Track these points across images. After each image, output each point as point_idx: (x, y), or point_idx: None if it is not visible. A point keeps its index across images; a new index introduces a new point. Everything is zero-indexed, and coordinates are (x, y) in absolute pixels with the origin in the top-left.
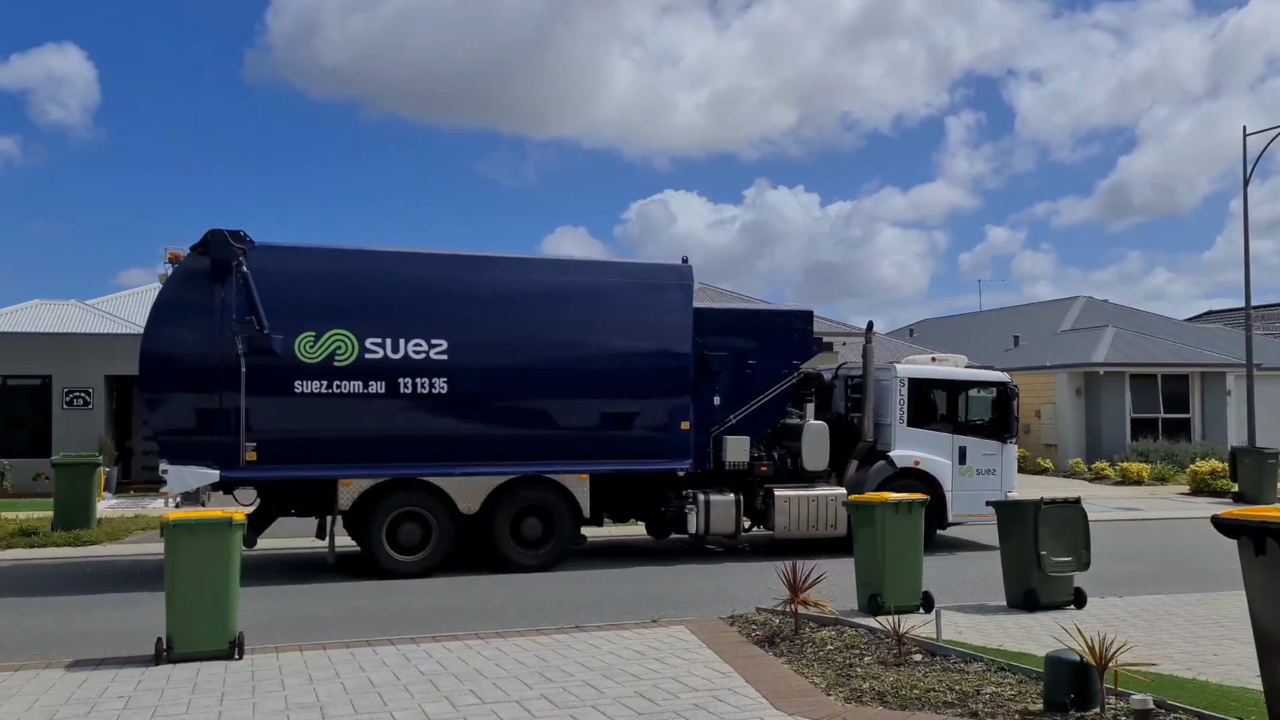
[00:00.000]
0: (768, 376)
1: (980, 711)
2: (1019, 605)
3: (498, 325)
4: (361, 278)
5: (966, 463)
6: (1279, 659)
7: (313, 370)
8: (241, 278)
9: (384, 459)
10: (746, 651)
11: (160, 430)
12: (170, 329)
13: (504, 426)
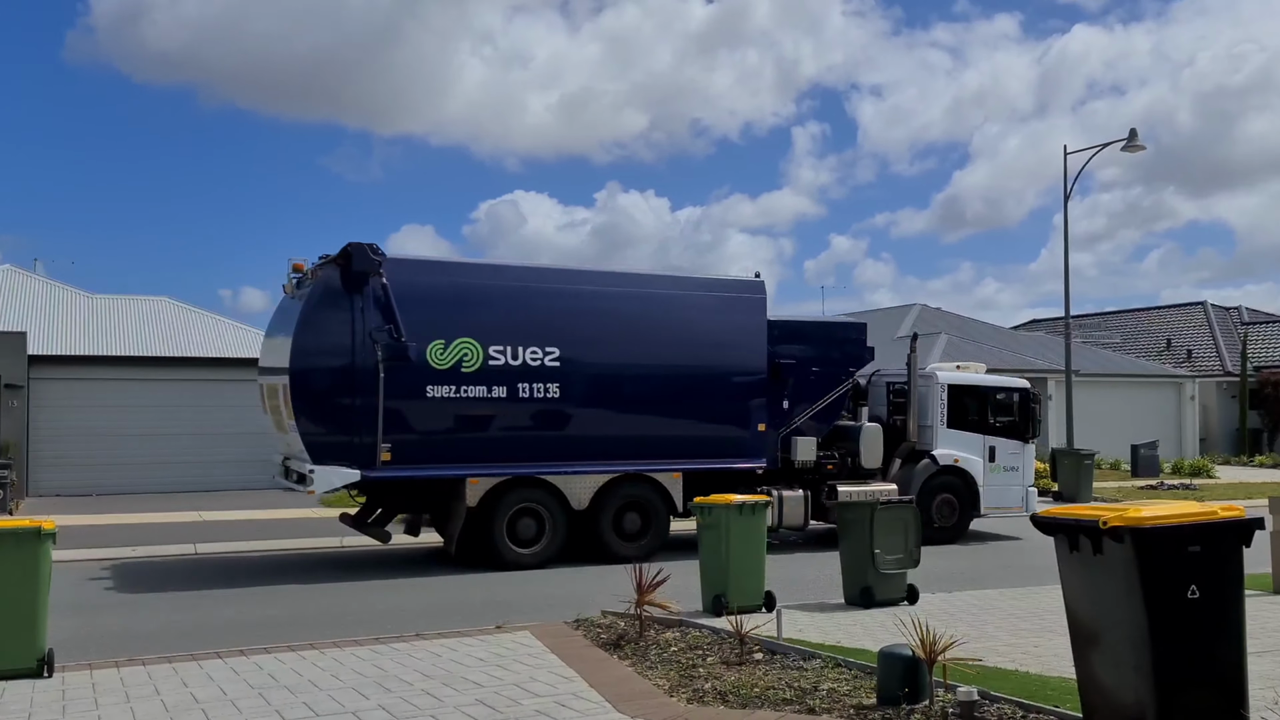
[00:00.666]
0: (828, 382)
1: (817, 707)
2: (856, 602)
3: (602, 334)
4: (483, 289)
5: (995, 461)
6: (1092, 649)
7: (442, 376)
8: (381, 289)
9: (504, 458)
10: (591, 655)
11: (308, 433)
12: (317, 338)
13: (609, 428)
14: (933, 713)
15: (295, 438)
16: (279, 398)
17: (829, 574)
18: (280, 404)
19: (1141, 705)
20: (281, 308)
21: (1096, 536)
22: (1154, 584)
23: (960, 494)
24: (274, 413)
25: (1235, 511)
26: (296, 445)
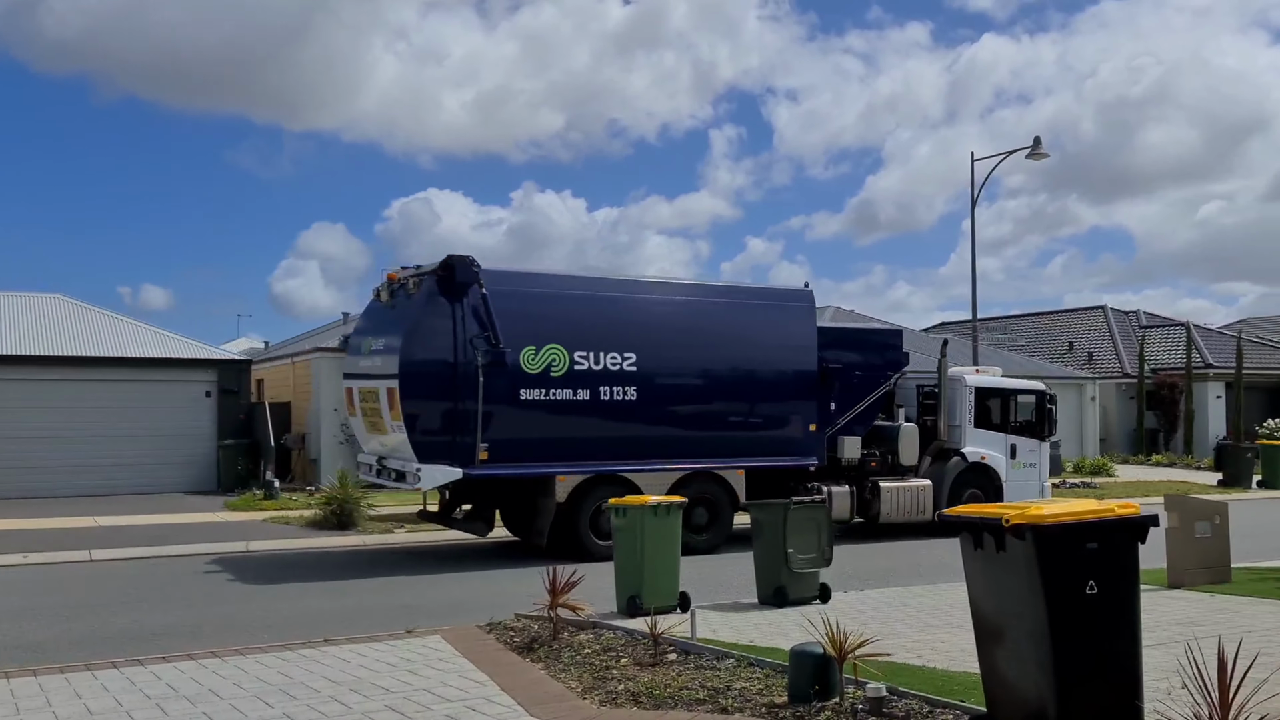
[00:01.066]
0: (869, 385)
1: (730, 706)
2: (770, 602)
3: (673, 340)
4: (568, 298)
5: (1016, 458)
6: (995, 644)
7: (533, 380)
8: (480, 299)
9: (588, 457)
10: (504, 659)
11: (415, 433)
12: (423, 345)
13: (680, 428)
14: (843, 709)
15: (401, 438)
16: (380, 400)
17: (744, 574)
18: (382, 406)
19: (1042, 698)
20: (373, 314)
21: (999, 534)
22: (1054, 580)
23: (986, 489)
24: (369, 415)
25: (1131, 509)
26: (401, 445)
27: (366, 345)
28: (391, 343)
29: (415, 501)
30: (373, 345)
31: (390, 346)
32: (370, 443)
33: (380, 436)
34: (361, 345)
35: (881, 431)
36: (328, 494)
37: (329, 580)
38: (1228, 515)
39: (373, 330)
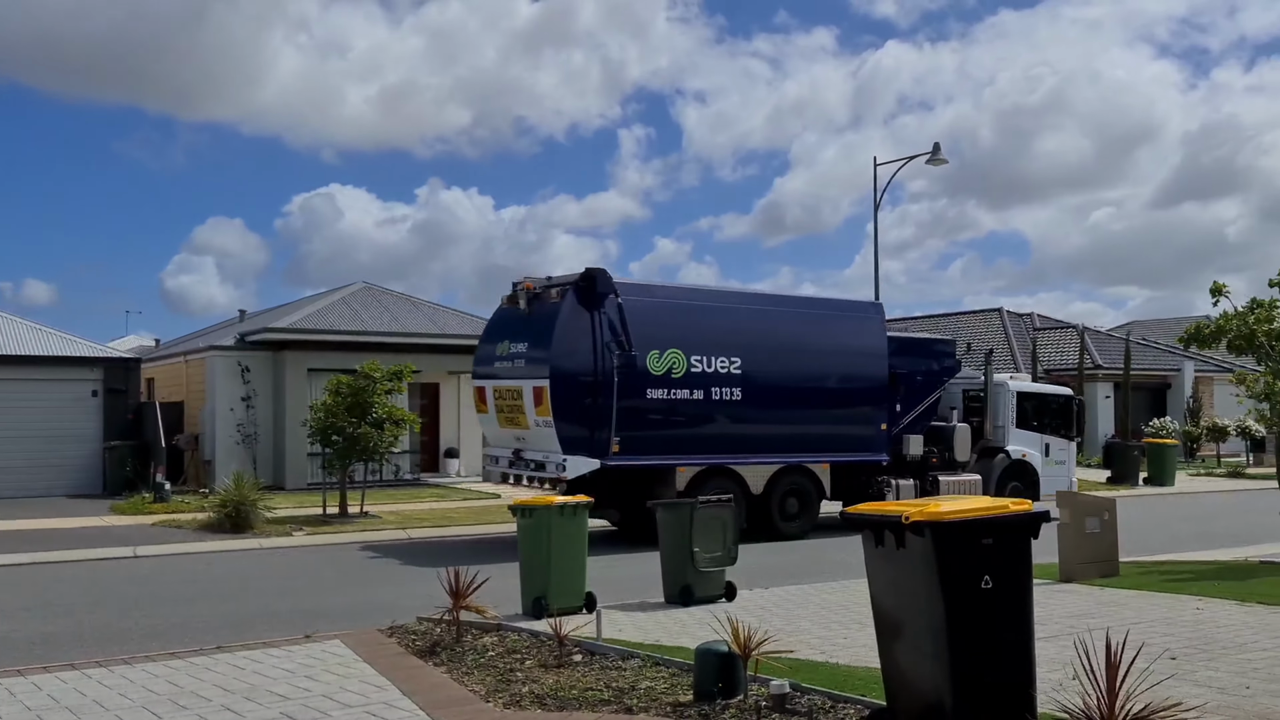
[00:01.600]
0: (928, 389)
1: (635, 706)
2: (676, 601)
3: (771, 347)
4: (686, 308)
5: (1049, 455)
6: (895, 639)
7: (657, 381)
8: (616, 308)
9: (701, 451)
10: (406, 663)
11: (562, 428)
12: (569, 349)
13: (777, 426)
14: (747, 707)
15: (546, 433)
16: (523, 398)
17: (650, 573)
18: (525, 403)
19: (939, 691)
20: (508, 320)
21: (900, 531)
22: (951, 575)
23: (1025, 483)
24: (506, 411)
25: (1024, 505)
26: (545, 439)
27: (503, 348)
28: (537, 346)
29: (313, 504)
30: (511, 348)
31: (536, 350)
32: (503, 437)
33: (517, 430)
34: (496, 349)
35: (938, 431)
36: (223, 496)
37: (223, 585)
38: (1116, 511)
39: (509, 335)
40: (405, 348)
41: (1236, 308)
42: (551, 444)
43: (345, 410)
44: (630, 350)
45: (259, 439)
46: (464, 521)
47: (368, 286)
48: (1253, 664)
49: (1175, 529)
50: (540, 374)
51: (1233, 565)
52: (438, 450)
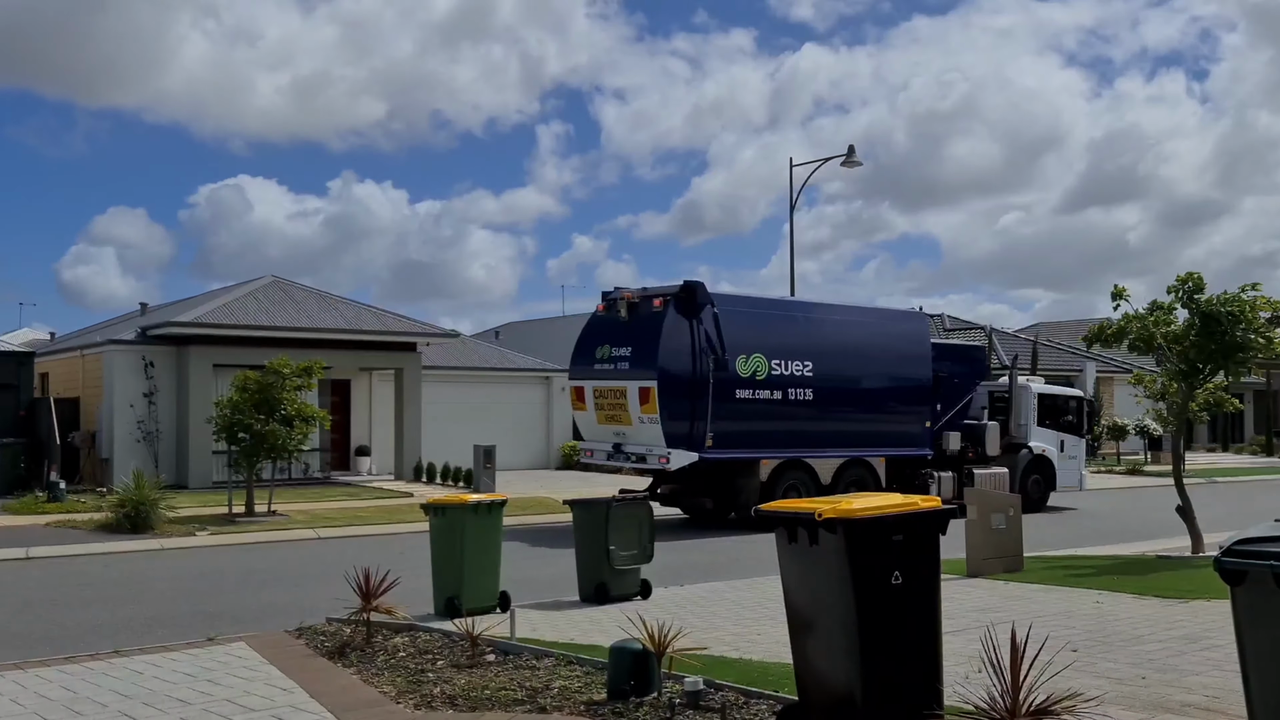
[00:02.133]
0: (964, 390)
1: (548, 706)
2: (591, 599)
3: (837, 352)
4: (767, 316)
5: (1064, 451)
6: (807, 635)
7: (744, 383)
8: (712, 317)
9: (779, 445)
10: (314, 665)
11: (667, 424)
12: (674, 353)
13: (841, 423)
14: (661, 704)
15: (651, 429)
16: (627, 397)
17: (565, 572)
18: (630, 402)
19: (850, 685)
20: (607, 327)
21: (813, 528)
22: (862, 571)
23: (1044, 475)
24: (606, 409)
25: (934, 502)
26: (648, 434)
27: (603, 352)
28: (643, 351)
29: (218, 504)
30: (612, 352)
31: (642, 354)
32: (601, 431)
33: (618, 426)
34: (596, 352)
35: (971, 429)
36: (121, 495)
37: (121, 587)
38: (1020, 508)
39: (610, 340)
40: (316, 343)
41: (1136, 310)
42: (655, 439)
43: (252, 407)
44: (724, 355)
45: (161, 437)
46: (375, 520)
47: (277, 281)
48: (1149, 655)
49: (1077, 525)
50: (647, 376)
51: (1131, 560)
52: (349, 448)
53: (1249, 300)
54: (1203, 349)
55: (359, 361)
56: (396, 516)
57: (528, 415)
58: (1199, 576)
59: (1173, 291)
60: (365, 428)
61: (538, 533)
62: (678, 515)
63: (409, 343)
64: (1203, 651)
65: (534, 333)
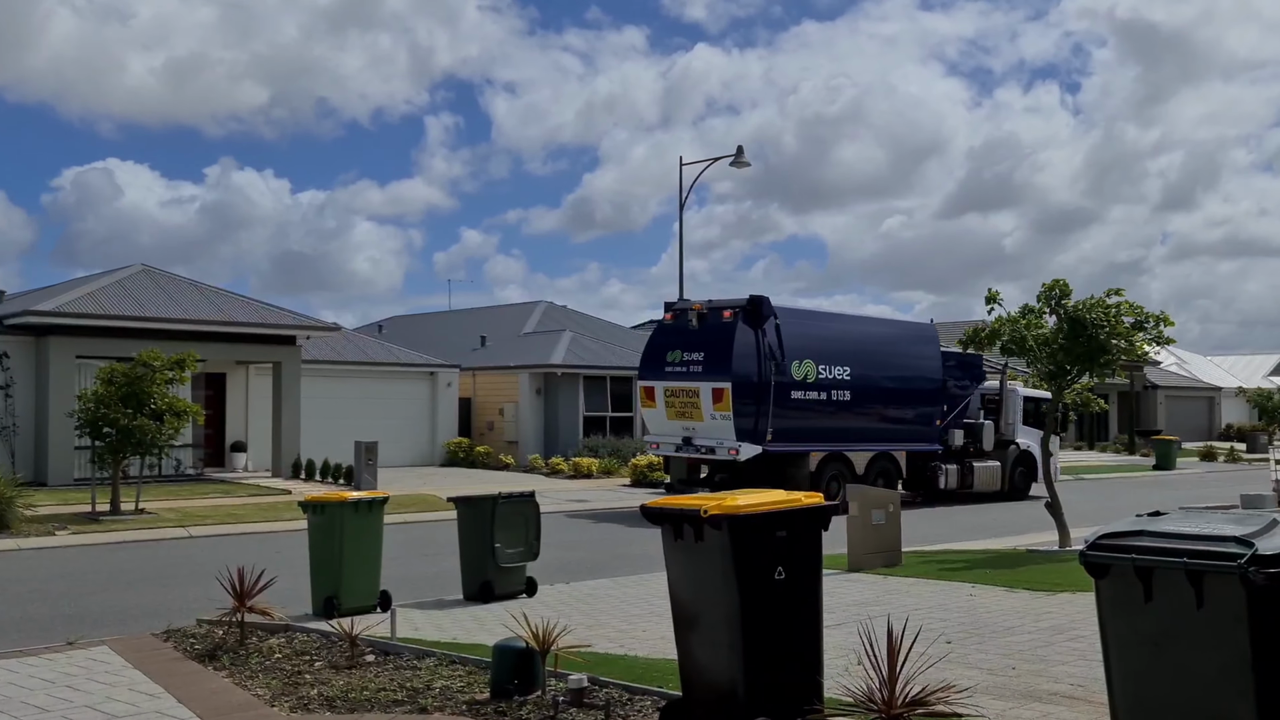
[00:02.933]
0: (964, 392)
1: (430, 706)
2: (475, 597)
3: (868, 358)
4: (813, 325)
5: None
6: (691, 631)
7: (797, 385)
8: (775, 326)
9: (824, 440)
10: (183, 668)
11: (738, 421)
12: (743, 359)
13: (872, 421)
14: (544, 702)
15: (723, 424)
16: (700, 396)
17: (449, 570)
18: (703, 401)
19: (733, 680)
20: (678, 333)
21: (698, 524)
22: (746, 567)
23: (1029, 468)
24: (678, 406)
25: (816, 499)
26: (720, 430)
27: (674, 356)
28: (717, 356)
29: (80, 501)
30: (684, 357)
31: (715, 359)
32: (670, 427)
33: (688, 422)
34: (667, 356)
35: (970, 427)
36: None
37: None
38: (899, 504)
39: (680, 346)
40: (189, 335)
41: (1009, 314)
42: (726, 433)
43: (119, 401)
44: (783, 361)
45: (18, 431)
46: (251, 519)
47: (147, 269)
48: (1018, 646)
49: (954, 520)
50: (721, 378)
51: (1003, 554)
52: (224, 444)
53: (1113, 305)
54: (1070, 351)
55: (235, 354)
56: (273, 514)
57: (412, 411)
58: (1066, 570)
59: (1041, 298)
60: (241, 423)
61: (421, 530)
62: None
63: (288, 335)
64: (1069, 642)
65: (419, 327)
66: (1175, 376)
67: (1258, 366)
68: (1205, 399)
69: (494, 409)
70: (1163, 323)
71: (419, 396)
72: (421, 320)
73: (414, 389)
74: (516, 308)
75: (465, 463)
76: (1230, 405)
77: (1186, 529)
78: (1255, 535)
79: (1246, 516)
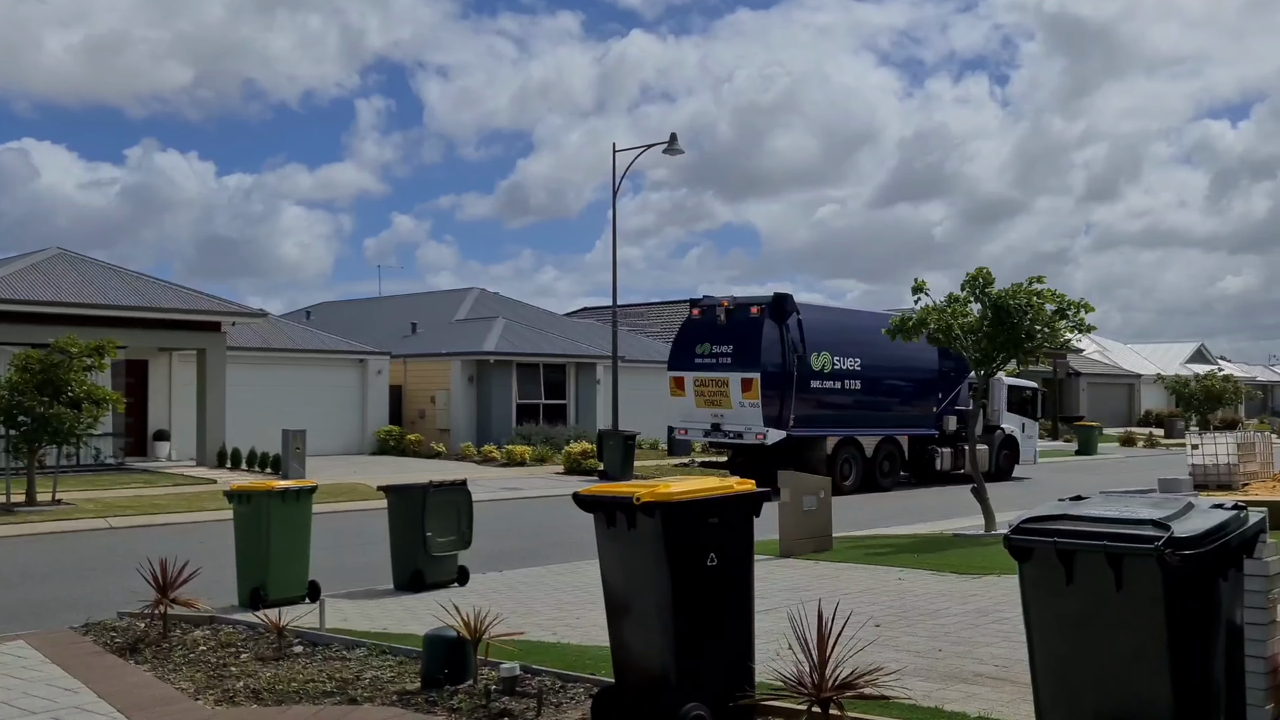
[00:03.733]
0: (957, 381)
1: (359, 697)
2: (406, 587)
3: (875, 351)
4: (828, 319)
5: (1025, 432)
6: (624, 618)
7: (816, 375)
8: (797, 322)
9: (838, 425)
10: (103, 663)
11: (765, 409)
12: (770, 351)
13: (879, 409)
14: (476, 691)
15: (751, 412)
16: (730, 386)
17: (379, 560)
18: (732, 390)
19: (665, 666)
20: (706, 328)
21: (631, 512)
22: (678, 554)
23: (1012, 451)
24: (707, 395)
25: (748, 485)
26: (748, 416)
27: (703, 349)
28: (746, 349)
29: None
30: (713, 349)
31: (745, 351)
32: (699, 414)
33: (717, 410)
34: (696, 349)
35: (961, 413)
36: None
37: None
38: (831, 490)
39: (709, 339)
40: (109, 321)
41: (935, 303)
42: (754, 420)
43: (35, 388)
44: (805, 353)
45: None
46: (174, 509)
47: (64, 253)
48: (945, 629)
49: (883, 505)
50: (751, 369)
51: (930, 538)
52: (146, 433)
53: (1035, 293)
54: (995, 339)
55: (157, 341)
56: (198, 504)
57: (342, 399)
58: (991, 554)
59: (966, 286)
60: (165, 411)
61: (351, 520)
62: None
63: (212, 322)
64: (993, 624)
65: (349, 314)
66: (1097, 364)
67: (1176, 354)
68: (1125, 386)
69: (425, 397)
70: (1083, 310)
71: (348, 384)
72: (351, 307)
73: (343, 377)
74: (448, 294)
75: (396, 451)
76: (1149, 392)
77: (1106, 513)
78: (1171, 519)
79: (1164, 500)
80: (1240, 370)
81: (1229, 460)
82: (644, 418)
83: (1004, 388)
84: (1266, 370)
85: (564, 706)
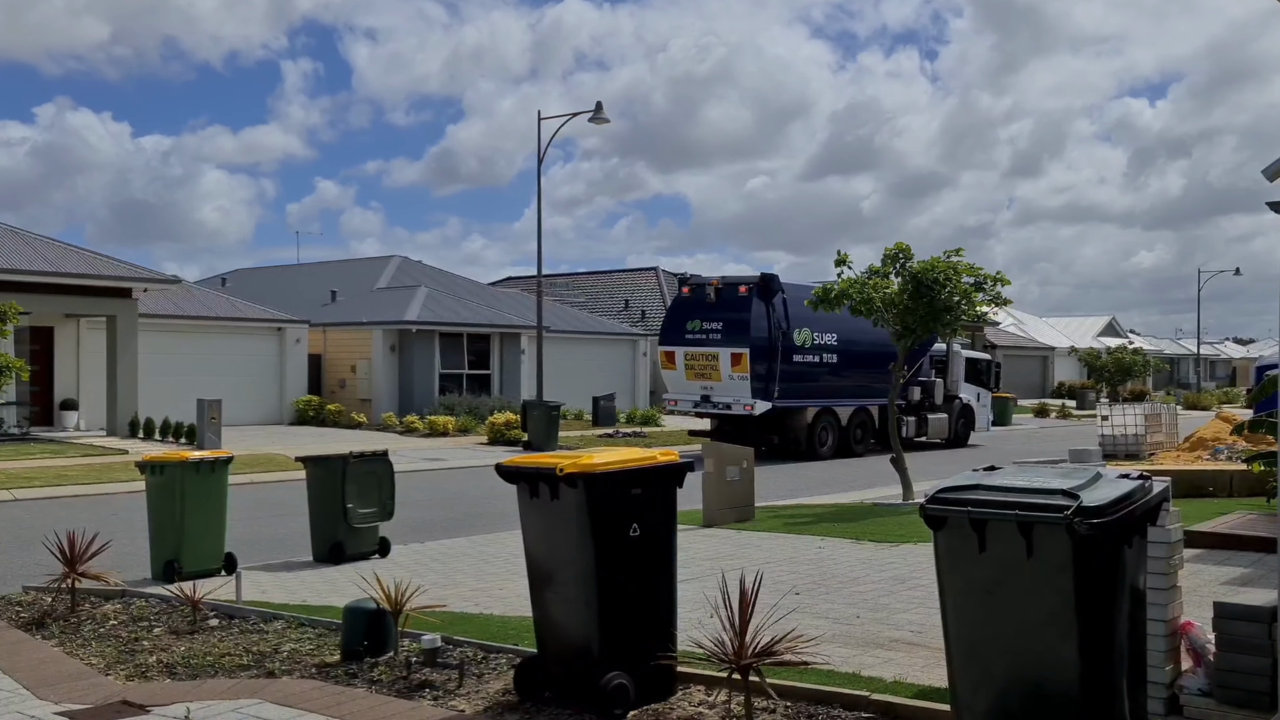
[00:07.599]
0: (920, 354)
1: (277, 670)
2: (326, 559)
3: (849, 327)
4: (807, 298)
5: (980, 401)
6: (547, 588)
7: (797, 349)
8: (782, 301)
9: (817, 396)
10: (7, 638)
11: (753, 382)
12: (758, 328)
13: (851, 380)
14: (397, 663)
15: (740, 384)
16: (720, 360)
17: (299, 532)
18: (722, 364)
19: (588, 636)
20: (694, 304)
21: (554, 483)
22: (601, 524)
23: (969, 420)
24: (698, 368)
25: (671, 456)
26: (737, 389)
27: (694, 325)
28: (735, 325)
29: None
30: (704, 325)
31: (734, 327)
32: (689, 387)
33: (706, 382)
34: (687, 325)
35: (924, 384)
36: None
37: None
38: (754, 461)
39: (700, 315)
40: (10, 286)
41: (857, 275)
42: (742, 392)
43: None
44: (788, 329)
45: None
46: (83, 480)
47: None
48: (863, 596)
49: (804, 475)
50: (741, 344)
51: (850, 508)
52: (53, 402)
53: (952, 266)
54: (914, 312)
55: (64, 307)
56: (108, 476)
57: (259, 368)
58: (908, 522)
59: (886, 260)
60: (72, 380)
61: (269, 491)
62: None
63: (123, 288)
64: (910, 591)
65: (267, 281)
66: (1013, 337)
67: (1090, 328)
68: (1040, 358)
69: (346, 366)
70: (1000, 283)
71: (266, 353)
72: (269, 274)
73: (261, 345)
74: (369, 262)
75: (316, 421)
76: (1063, 364)
77: (1018, 483)
78: (1081, 488)
79: (1073, 470)
80: (1149, 344)
81: (1137, 431)
82: (569, 388)
83: (962, 360)
84: (1174, 344)
85: (486, 677)
